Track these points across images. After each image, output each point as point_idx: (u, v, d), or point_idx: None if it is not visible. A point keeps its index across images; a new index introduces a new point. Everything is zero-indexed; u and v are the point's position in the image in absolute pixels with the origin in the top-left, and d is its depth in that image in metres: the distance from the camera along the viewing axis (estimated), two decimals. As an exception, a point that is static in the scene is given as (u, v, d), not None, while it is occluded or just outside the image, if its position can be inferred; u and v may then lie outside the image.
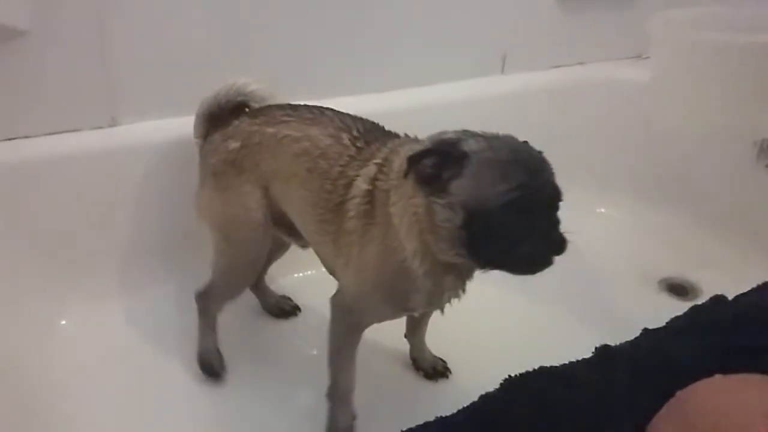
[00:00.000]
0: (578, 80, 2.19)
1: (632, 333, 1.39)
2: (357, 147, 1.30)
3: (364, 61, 1.93)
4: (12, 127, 1.64)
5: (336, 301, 1.33)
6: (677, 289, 1.95)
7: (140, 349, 1.66)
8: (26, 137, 1.66)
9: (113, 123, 1.72)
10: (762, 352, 1.21)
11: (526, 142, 1.16)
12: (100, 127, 1.71)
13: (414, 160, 1.10)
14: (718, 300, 1.44)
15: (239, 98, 1.47)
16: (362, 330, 1.35)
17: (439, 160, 1.09)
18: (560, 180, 1.13)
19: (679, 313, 1.44)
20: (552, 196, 1.12)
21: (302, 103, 1.45)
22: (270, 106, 1.45)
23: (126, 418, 1.49)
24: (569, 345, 1.34)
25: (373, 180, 1.24)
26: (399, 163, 1.20)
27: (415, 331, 1.58)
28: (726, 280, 1.55)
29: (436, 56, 2.01)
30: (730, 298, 1.44)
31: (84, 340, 1.67)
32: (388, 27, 1.92)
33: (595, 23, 2.18)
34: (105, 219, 1.74)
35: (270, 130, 1.38)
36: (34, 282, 1.68)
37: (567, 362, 1.29)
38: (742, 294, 1.43)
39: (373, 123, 1.39)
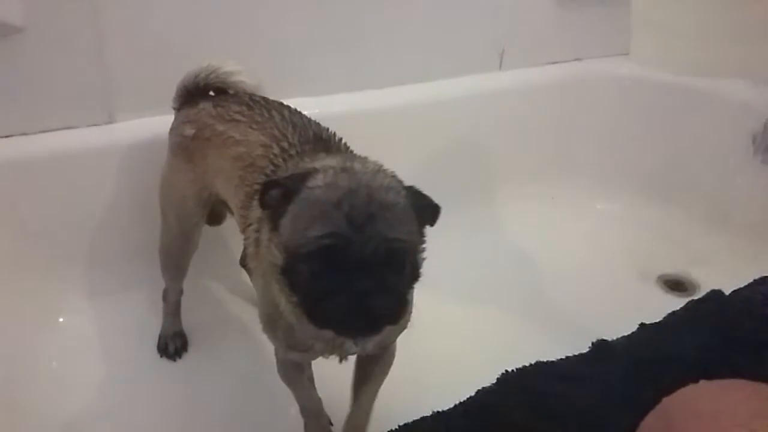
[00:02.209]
0: (575, 76, 2.19)
1: (630, 328, 1.40)
2: (274, 165, 1.18)
3: (361, 58, 1.93)
4: (8, 125, 1.64)
5: None
6: (675, 284, 1.95)
7: (138, 345, 1.65)
8: (23, 134, 1.65)
9: (110, 120, 1.72)
10: (758, 346, 1.21)
11: (404, 189, 0.98)
12: (97, 125, 1.71)
13: (265, 188, 0.99)
14: (715, 295, 1.45)
15: (219, 84, 1.43)
16: (294, 366, 1.25)
17: (283, 193, 0.97)
18: (558, 176, 1.08)
19: (677, 308, 1.44)
20: (376, 255, 0.91)
21: (297, 99, 1.44)
22: (234, 98, 1.39)
23: (124, 413, 1.49)
24: (566, 340, 1.35)
25: None
26: None
27: (360, 382, 1.29)
28: (723, 275, 1.56)
29: (434, 52, 2.00)
30: (727, 293, 1.44)
31: (82, 338, 1.67)
32: (385, 23, 1.92)
33: (592, 20, 2.17)
34: (103, 216, 1.73)
35: (220, 127, 1.32)
36: (33, 279, 1.68)
37: (564, 357, 1.30)
38: (738, 289, 1.44)
39: (319, 132, 1.26)
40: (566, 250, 2.03)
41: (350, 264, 0.91)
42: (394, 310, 0.95)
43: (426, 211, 1.01)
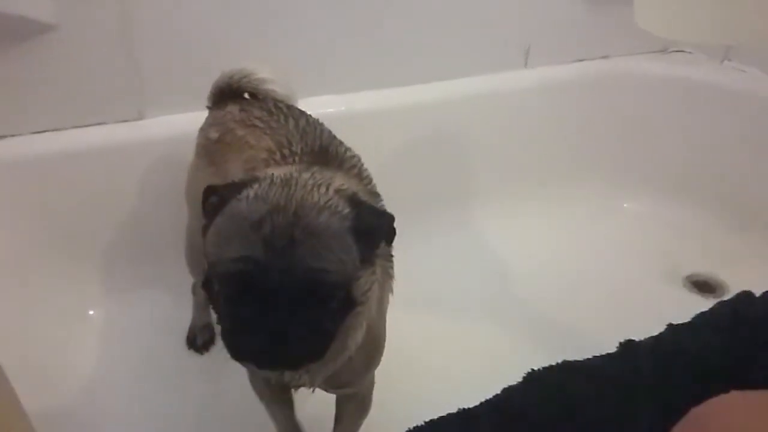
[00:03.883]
0: (602, 74, 2.17)
1: (657, 330, 1.38)
2: None
3: (386, 55, 1.93)
4: (40, 120, 1.67)
5: None
6: (703, 285, 1.93)
7: (167, 338, 1.68)
8: (55, 130, 1.68)
9: (140, 116, 1.74)
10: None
11: (348, 207, 0.88)
12: (127, 120, 1.73)
13: (205, 194, 0.93)
14: (745, 296, 1.42)
15: (251, 89, 1.44)
16: (261, 393, 1.25)
17: (220, 201, 0.90)
18: (585, 174, 1.06)
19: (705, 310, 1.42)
20: (295, 286, 0.82)
21: (323, 97, 1.43)
22: (259, 104, 1.38)
23: (151, 404, 1.52)
24: (593, 340, 1.33)
25: None
26: None
27: (336, 422, 1.32)
28: (753, 276, 1.53)
29: (459, 50, 2.00)
30: (757, 295, 1.42)
31: (112, 330, 1.70)
32: (411, 20, 1.92)
33: (620, 16, 2.14)
34: (132, 210, 1.76)
35: (240, 132, 1.30)
36: (63, 272, 1.71)
37: (591, 356, 1.29)
38: (769, 290, 1.41)
39: (327, 145, 1.20)
40: (592, 249, 2.02)
41: (266, 293, 0.82)
42: (309, 349, 0.86)
43: (376, 233, 0.91)
